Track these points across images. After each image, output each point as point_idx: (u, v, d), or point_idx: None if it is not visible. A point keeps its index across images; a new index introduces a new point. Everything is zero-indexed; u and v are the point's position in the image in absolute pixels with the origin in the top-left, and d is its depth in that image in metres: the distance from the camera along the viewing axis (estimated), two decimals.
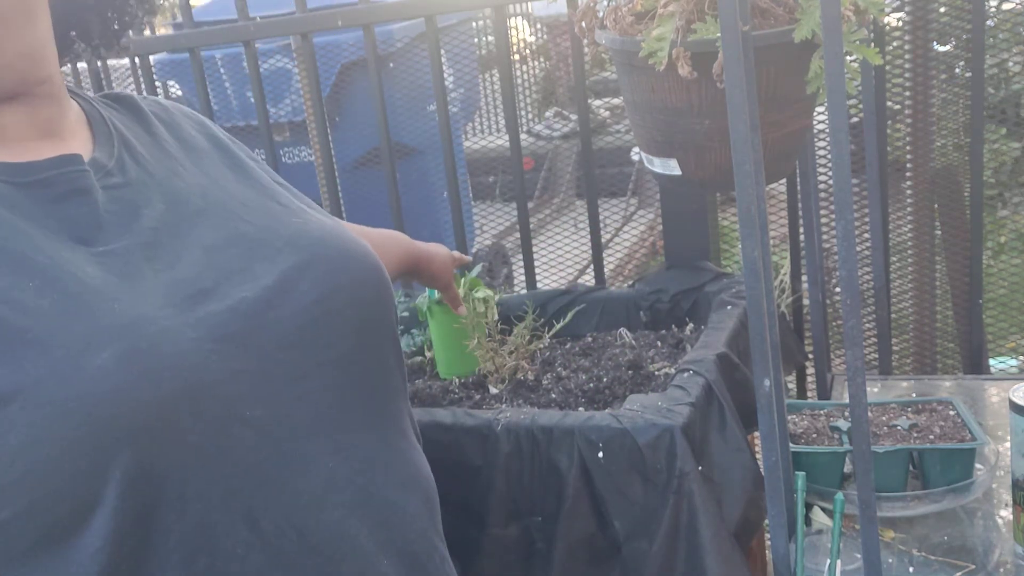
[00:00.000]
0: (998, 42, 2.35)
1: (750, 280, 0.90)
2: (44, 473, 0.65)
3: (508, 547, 1.21)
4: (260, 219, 0.86)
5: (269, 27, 1.98)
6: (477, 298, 1.57)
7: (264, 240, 0.84)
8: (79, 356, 0.67)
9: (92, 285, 0.71)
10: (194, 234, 0.81)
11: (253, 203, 0.88)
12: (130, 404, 0.67)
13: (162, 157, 0.88)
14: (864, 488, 0.91)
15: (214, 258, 0.80)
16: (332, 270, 0.84)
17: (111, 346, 0.68)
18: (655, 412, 1.16)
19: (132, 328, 0.70)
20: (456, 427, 1.23)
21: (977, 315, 1.83)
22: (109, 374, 0.67)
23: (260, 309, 0.78)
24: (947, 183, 2.17)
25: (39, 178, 0.76)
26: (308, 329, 0.80)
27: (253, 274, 0.80)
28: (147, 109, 0.94)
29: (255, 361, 0.76)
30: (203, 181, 0.88)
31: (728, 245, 2.23)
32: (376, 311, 0.88)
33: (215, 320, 0.75)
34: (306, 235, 0.86)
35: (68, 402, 0.65)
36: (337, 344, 0.82)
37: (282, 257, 0.82)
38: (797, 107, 1.05)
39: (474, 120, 5.78)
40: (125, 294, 0.73)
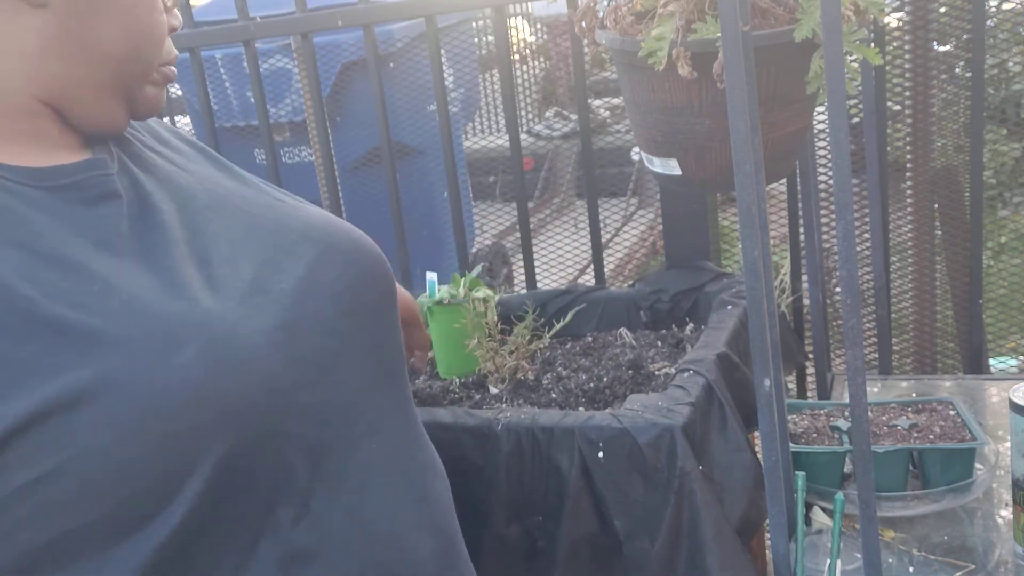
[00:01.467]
0: (998, 42, 2.35)
1: (750, 280, 0.90)
2: (133, 471, 0.66)
3: (509, 546, 1.22)
4: (266, 212, 0.86)
5: (269, 27, 1.98)
6: (477, 298, 1.57)
7: (278, 232, 0.84)
8: (162, 354, 0.68)
9: (149, 285, 0.72)
10: (212, 229, 0.81)
11: (252, 198, 0.88)
12: (214, 399, 0.69)
13: (155, 158, 0.87)
14: (864, 488, 0.91)
15: (242, 251, 0.80)
16: (350, 260, 0.87)
17: (191, 343, 0.69)
18: (655, 412, 1.16)
19: (204, 324, 0.71)
20: (456, 427, 1.23)
21: (977, 315, 1.83)
22: (193, 370, 0.68)
23: (299, 299, 0.79)
24: (947, 183, 2.17)
25: (69, 182, 0.75)
26: (342, 317, 0.82)
27: (281, 265, 0.81)
28: None
29: (305, 349, 0.78)
30: (199, 180, 0.87)
31: (728, 245, 2.23)
32: (389, 298, 0.91)
33: (268, 311, 0.76)
34: (316, 226, 0.87)
35: (156, 400, 0.66)
36: (365, 330, 0.85)
37: (301, 248, 0.84)
38: (797, 107, 1.05)
39: (474, 120, 5.78)
40: (181, 292, 0.73)
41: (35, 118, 0.75)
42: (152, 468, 0.67)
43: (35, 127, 0.75)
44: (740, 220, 0.88)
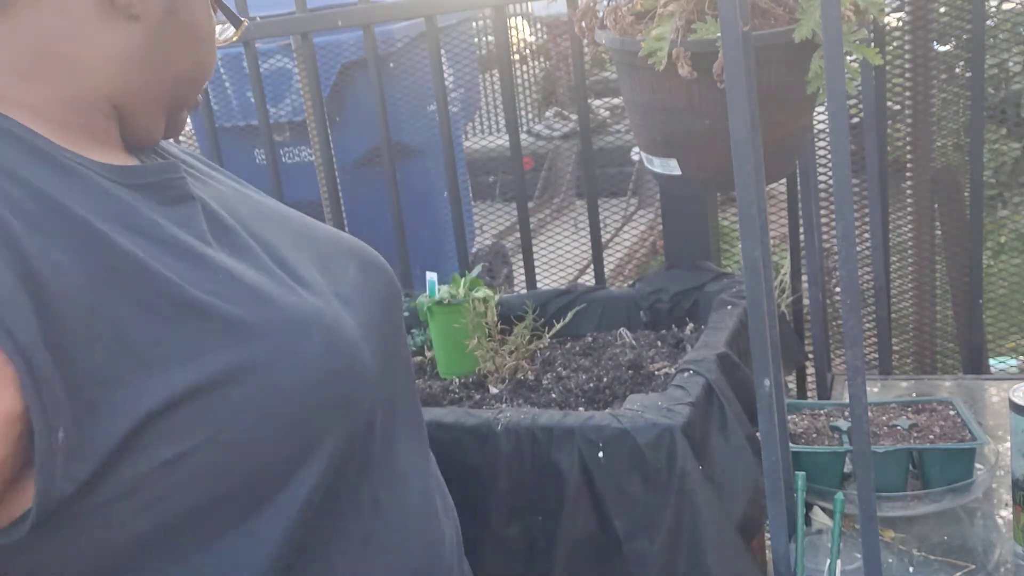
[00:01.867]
0: (998, 42, 2.35)
1: (750, 280, 0.90)
2: (268, 447, 0.71)
3: (509, 546, 1.22)
4: (298, 225, 0.89)
5: (269, 27, 1.98)
6: (477, 298, 1.57)
7: (317, 242, 0.88)
8: (295, 342, 0.72)
9: (258, 280, 0.75)
10: (266, 237, 0.83)
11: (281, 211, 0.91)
12: (335, 383, 0.75)
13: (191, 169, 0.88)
14: (864, 488, 0.91)
15: (300, 258, 0.83)
16: (377, 271, 0.92)
17: (317, 333, 0.74)
18: (655, 412, 1.16)
19: (321, 317, 0.76)
20: (456, 427, 1.23)
21: (977, 315, 1.83)
22: (321, 359, 0.73)
23: (360, 303, 0.84)
24: (947, 183, 2.17)
25: (152, 181, 0.76)
26: (386, 322, 0.88)
27: (334, 272, 0.85)
28: None
29: (376, 343, 0.83)
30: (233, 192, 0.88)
31: (728, 245, 2.23)
32: (400, 305, 0.97)
33: (351, 307, 0.81)
34: (343, 239, 0.93)
35: (293, 383, 0.71)
36: (397, 335, 0.91)
37: (344, 259, 0.89)
38: (797, 107, 1.05)
39: (474, 120, 5.78)
40: (287, 287, 0.77)
41: (103, 118, 0.77)
42: (284, 444, 0.72)
43: (101, 127, 0.77)
44: (740, 220, 0.88)
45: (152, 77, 0.78)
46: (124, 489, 0.65)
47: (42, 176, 0.68)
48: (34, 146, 0.70)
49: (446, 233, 2.78)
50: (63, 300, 0.62)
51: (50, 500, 0.62)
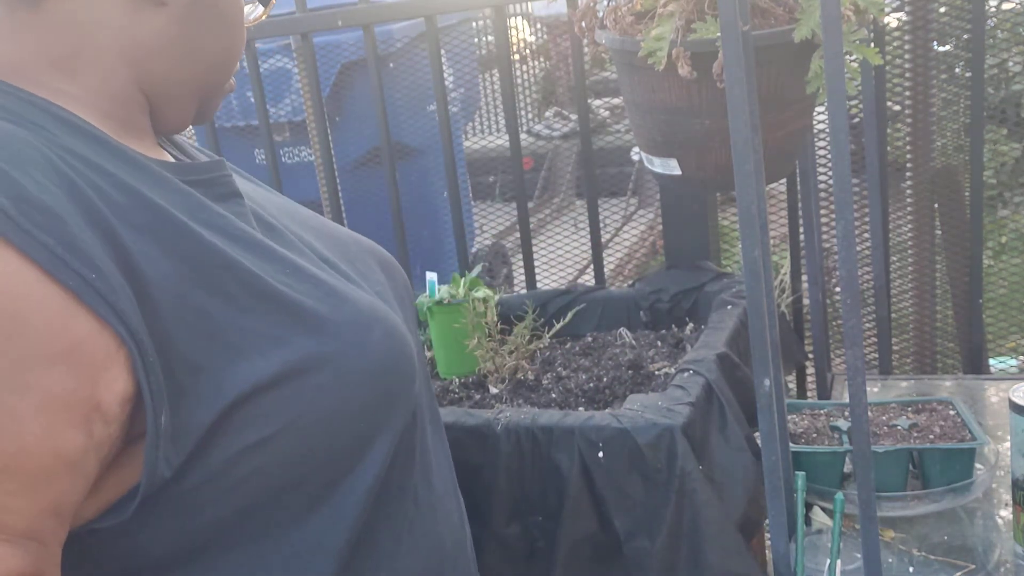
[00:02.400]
0: (998, 42, 2.35)
1: (750, 280, 0.90)
2: (339, 433, 0.73)
3: (509, 546, 1.22)
4: (321, 226, 0.91)
5: (269, 27, 1.98)
6: (477, 298, 1.57)
7: (341, 242, 0.89)
8: (361, 333, 0.75)
9: (318, 273, 0.77)
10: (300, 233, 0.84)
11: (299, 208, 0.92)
12: (398, 375, 0.78)
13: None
14: (864, 488, 0.91)
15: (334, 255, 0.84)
16: (394, 271, 0.94)
17: (378, 326, 0.77)
18: (655, 412, 1.16)
19: (377, 308, 0.79)
20: (456, 427, 1.23)
21: (977, 315, 1.83)
22: (384, 349, 0.76)
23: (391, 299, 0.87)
24: (947, 183, 2.17)
25: (203, 178, 0.78)
26: (410, 319, 0.91)
27: (361, 270, 0.87)
28: None
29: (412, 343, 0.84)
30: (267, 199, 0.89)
31: (728, 245, 2.23)
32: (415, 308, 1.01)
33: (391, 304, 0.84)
34: (361, 239, 0.94)
35: (361, 374, 0.74)
36: (415, 335, 0.91)
37: (368, 259, 0.90)
38: (797, 107, 1.05)
39: (474, 120, 5.78)
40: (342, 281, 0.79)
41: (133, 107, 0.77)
42: (353, 430, 0.74)
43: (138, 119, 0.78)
44: (740, 220, 0.88)
45: (182, 65, 0.78)
46: (211, 473, 0.68)
47: (119, 167, 0.69)
48: (99, 138, 0.71)
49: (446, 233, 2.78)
50: (158, 289, 0.65)
51: (153, 483, 0.65)
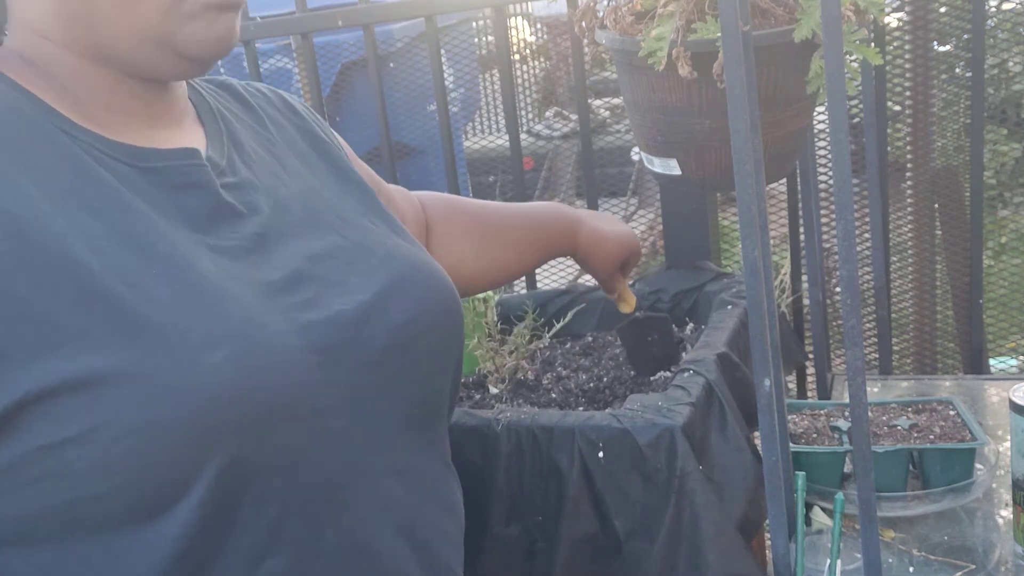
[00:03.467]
0: (998, 42, 2.35)
1: (750, 280, 0.90)
2: (146, 456, 0.67)
3: (509, 546, 1.21)
4: (356, 235, 0.88)
5: (269, 27, 1.98)
6: (477, 298, 1.57)
7: (359, 256, 0.86)
8: (196, 351, 0.68)
9: (210, 280, 0.72)
10: (296, 244, 0.82)
11: (350, 218, 0.90)
12: (236, 404, 0.69)
13: (268, 159, 0.88)
14: (864, 488, 0.91)
15: (315, 268, 0.81)
16: (419, 296, 0.87)
17: (226, 345, 0.70)
18: (655, 412, 1.16)
19: (245, 329, 0.72)
20: (456, 427, 1.23)
21: (977, 315, 1.83)
22: (222, 373, 0.69)
23: (355, 324, 0.79)
24: (947, 183, 2.17)
25: (160, 165, 0.76)
26: (393, 350, 0.82)
27: (350, 288, 0.82)
28: (253, 102, 0.94)
29: (345, 374, 0.77)
30: (303, 189, 0.88)
31: (728, 245, 2.22)
32: (449, 341, 0.90)
33: (317, 330, 0.76)
34: (398, 257, 0.89)
35: (182, 394, 0.67)
36: (413, 368, 0.84)
37: (376, 275, 0.85)
38: (797, 107, 1.05)
39: (474, 120, 5.78)
40: (236, 293, 0.74)
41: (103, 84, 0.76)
42: (163, 458, 0.68)
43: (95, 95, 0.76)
44: (740, 220, 0.88)
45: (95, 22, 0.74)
46: (4, 464, 0.66)
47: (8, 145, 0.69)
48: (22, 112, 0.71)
49: None
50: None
51: None
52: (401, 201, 1.18)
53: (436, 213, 1.24)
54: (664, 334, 1.47)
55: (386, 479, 0.81)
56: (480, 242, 1.26)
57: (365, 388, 0.79)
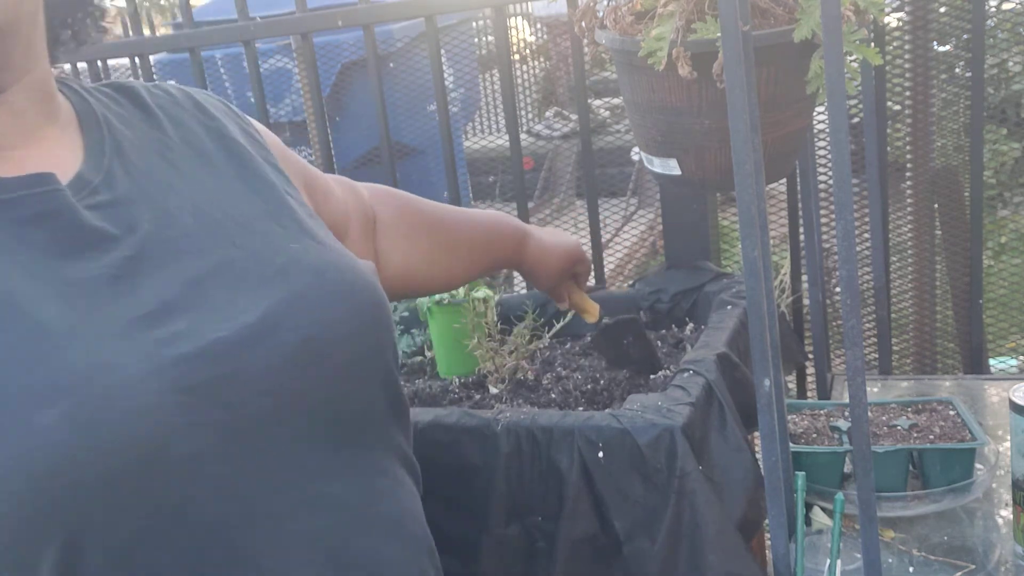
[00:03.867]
0: (998, 42, 2.35)
1: (750, 280, 0.89)
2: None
3: (509, 547, 1.21)
4: (253, 243, 0.79)
5: (269, 27, 1.98)
6: (477, 298, 1.57)
7: (253, 269, 0.77)
8: (23, 412, 0.60)
9: (49, 326, 0.64)
10: (175, 263, 0.74)
11: (252, 223, 0.81)
12: (75, 470, 0.61)
13: (160, 165, 0.81)
14: (864, 488, 0.91)
15: (193, 291, 0.73)
16: (322, 307, 0.77)
17: (61, 402, 0.61)
18: (655, 412, 1.16)
19: (87, 380, 0.63)
20: (456, 427, 1.23)
21: (977, 315, 1.83)
22: (55, 435, 0.60)
23: (235, 351, 0.71)
24: (947, 183, 2.17)
25: (4, 198, 0.69)
26: (286, 373, 0.73)
27: (234, 309, 0.73)
28: (153, 104, 0.86)
29: (222, 411, 0.69)
30: (199, 195, 0.80)
31: (728, 245, 2.23)
32: (368, 352, 0.81)
33: (184, 367, 0.68)
34: (301, 264, 0.79)
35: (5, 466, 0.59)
36: (316, 389, 0.76)
37: (269, 289, 0.76)
38: (797, 107, 1.05)
39: (474, 120, 5.78)
40: (86, 336, 0.66)
41: None
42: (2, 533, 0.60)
43: None
44: (740, 220, 0.88)
45: None
46: None
47: None
48: None
49: None
50: None
51: None
52: (343, 194, 1.10)
53: (386, 209, 1.17)
54: (637, 335, 1.47)
55: (296, 515, 0.73)
56: (431, 243, 1.20)
57: (251, 421, 0.71)
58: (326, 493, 0.76)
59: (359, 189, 1.16)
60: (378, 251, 1.13)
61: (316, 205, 0.96)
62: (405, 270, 1.17)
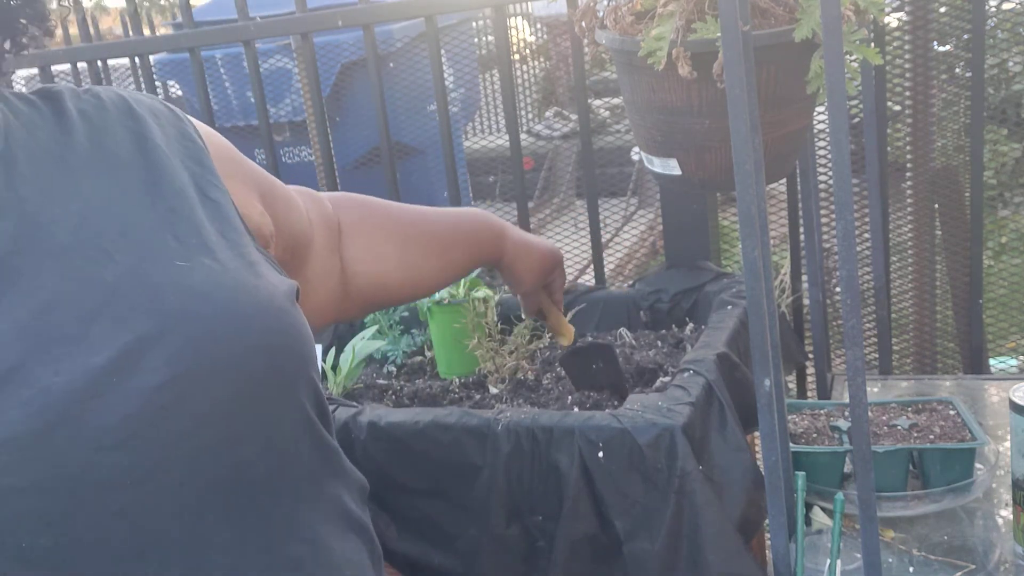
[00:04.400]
0: (998, 42, 2.35)
1: (750, 280, 0.90)
2: None
3: (509, 546, 1.21)
4: (131, 259, 0.68)
5: (269, 27, 1.98)
6: (477, 298, 1.58)
7: (122, 292, 0.66)
8: None
9: None
10: (30, 284, 0.64)
11: (141, 235, 0.71)
12: None
13: (54, 174, 0.72)
14: (864, 488, 0.91)
15: (38, 322, 0.63)
16: (200, 338, 0.66)
17: None
18: (655, 412, 1.16)
19: None
20: (457, 427, 1.23)
21: (977, 315, 1.83)
22: None
23: (76, 398, 0.61)
24: (947, 183, 2.18)
25: None
26: (145, 421, 0.62)
27: (84, 346, 0.63)
28: (74, 110, 0.78)
29: (54, 469, 0.60)
30: (92, 205, 0.71)
31: (728, 245, 2.23)
32: (268, 389, 0.70)
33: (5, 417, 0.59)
34: (181, 287, 0.68)
35: None
36: (191, 437, 0.65)
37: (135, 319, 0.65)
38: (797, 107, 1.05)
39: (474, 120, 5.78)
40: None
41: None
42: None
43: None
44: (740, 220, 0.88)
45: None
46: None
47: None
48: None
49: None
50: None
51: None
52: (305, 204, 1.03)
53: (350, 216, 1.11)
54: (608, 361, 1.43)
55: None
56: (403, 247, 1.14)
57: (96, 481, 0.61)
58: (213, 563, 0.65)
59: (321, 199, 1.10)
60: (344, 260, 1.09)
61: (276, 216, 0.90)
62: (375, 276, 1.12)
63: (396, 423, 1.25)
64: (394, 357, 1.73)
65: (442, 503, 1.24)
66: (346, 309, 1.11)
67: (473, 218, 1.23)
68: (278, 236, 0.90)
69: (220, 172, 0.81)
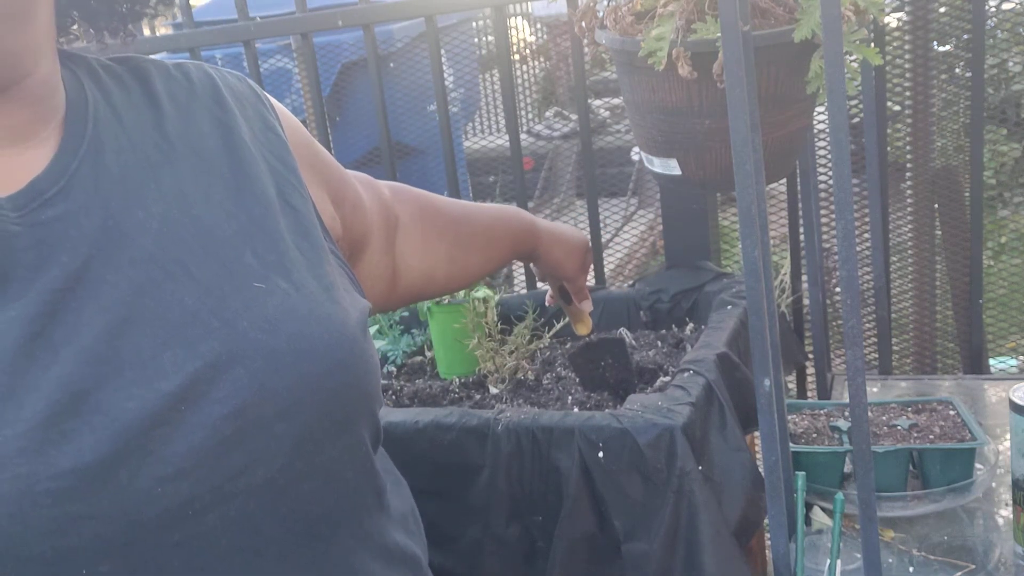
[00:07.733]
0: (998, 42, 2.35)
1: (750, 280, 0.90)
2: None
3: (509, 546, 1.21)
4: (210, 277, 0.66)
5: (269, 27, 1.98)
6: (477, 298, 1.58)
7: (196, 313, 0.64)
8: None
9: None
10: (110, 297, 0.62)
11: (220, 251, 0.69)
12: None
13: (141, 168, 0.69)
14: (864, 488, 0.91)
15: (116, 341, 0.61)
16: (269, 369, 0.64)
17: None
18: (655, 412, 1.16)
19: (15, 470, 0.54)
20: (457, 427, 1.23)
21: (977, 315, 1.83)
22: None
23: (144, 426, 0.59)
24: (947, 183, 2.18)
25: None
26: (210, 452, 0.61)
27: (156, 370, 0.61)
28: (164, 92, 0.75)
29: (118, 498, 0.58)
30: (169, 208, 0.68)
31: (728, 245, 2.23)
32: (330, 424, 0.69)
33: (76, 445, 0.57)
34: (254, 313, 0.66)
35: None
36: (257, 468, 0.63)
37: (207, 344, 0.63)
38: (797, 107, 1.05)
39: (474, 120, 5.78)
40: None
41: None
42: None
43: None
44: (740, 220, 0.88)
45: None
46: None
47: None
48: None
49: None
50: None
51: None
52: (370, 202, 1.03)
53: (408, 211, 1.12)
54: (618, 358, 1.43)
55: None
56: (454, 244, 1.16)
57: (159, 511, 0.60)
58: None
59: (381, 191, 1.10)
60: (397, 254, 1.10)
61: (343, 217, 0.90)
62: (425, 272, 1.13)
63: (396, 423, 1.25)
64: (394, 357, 1.73)
65: (442, 503, 1.24)
66: (391, 301, 1.13)
67: (510, 213, 1.28)
68: (342, 240, 0.90)
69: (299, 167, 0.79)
